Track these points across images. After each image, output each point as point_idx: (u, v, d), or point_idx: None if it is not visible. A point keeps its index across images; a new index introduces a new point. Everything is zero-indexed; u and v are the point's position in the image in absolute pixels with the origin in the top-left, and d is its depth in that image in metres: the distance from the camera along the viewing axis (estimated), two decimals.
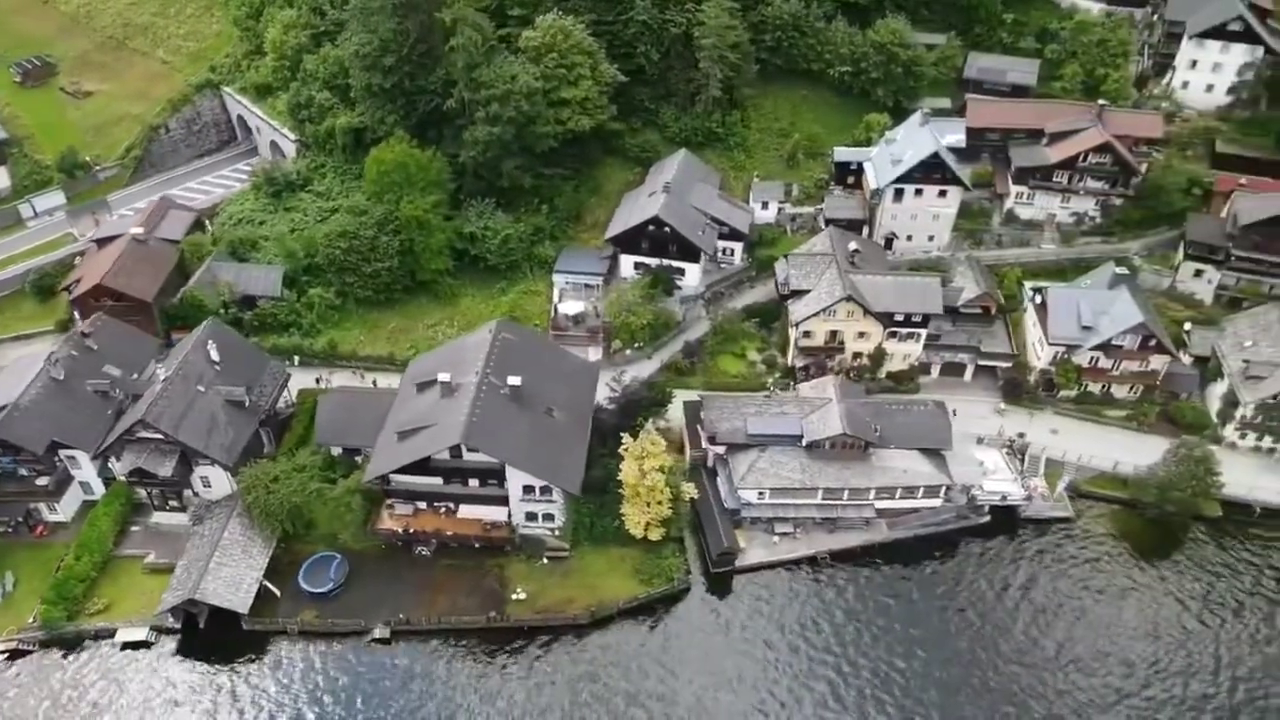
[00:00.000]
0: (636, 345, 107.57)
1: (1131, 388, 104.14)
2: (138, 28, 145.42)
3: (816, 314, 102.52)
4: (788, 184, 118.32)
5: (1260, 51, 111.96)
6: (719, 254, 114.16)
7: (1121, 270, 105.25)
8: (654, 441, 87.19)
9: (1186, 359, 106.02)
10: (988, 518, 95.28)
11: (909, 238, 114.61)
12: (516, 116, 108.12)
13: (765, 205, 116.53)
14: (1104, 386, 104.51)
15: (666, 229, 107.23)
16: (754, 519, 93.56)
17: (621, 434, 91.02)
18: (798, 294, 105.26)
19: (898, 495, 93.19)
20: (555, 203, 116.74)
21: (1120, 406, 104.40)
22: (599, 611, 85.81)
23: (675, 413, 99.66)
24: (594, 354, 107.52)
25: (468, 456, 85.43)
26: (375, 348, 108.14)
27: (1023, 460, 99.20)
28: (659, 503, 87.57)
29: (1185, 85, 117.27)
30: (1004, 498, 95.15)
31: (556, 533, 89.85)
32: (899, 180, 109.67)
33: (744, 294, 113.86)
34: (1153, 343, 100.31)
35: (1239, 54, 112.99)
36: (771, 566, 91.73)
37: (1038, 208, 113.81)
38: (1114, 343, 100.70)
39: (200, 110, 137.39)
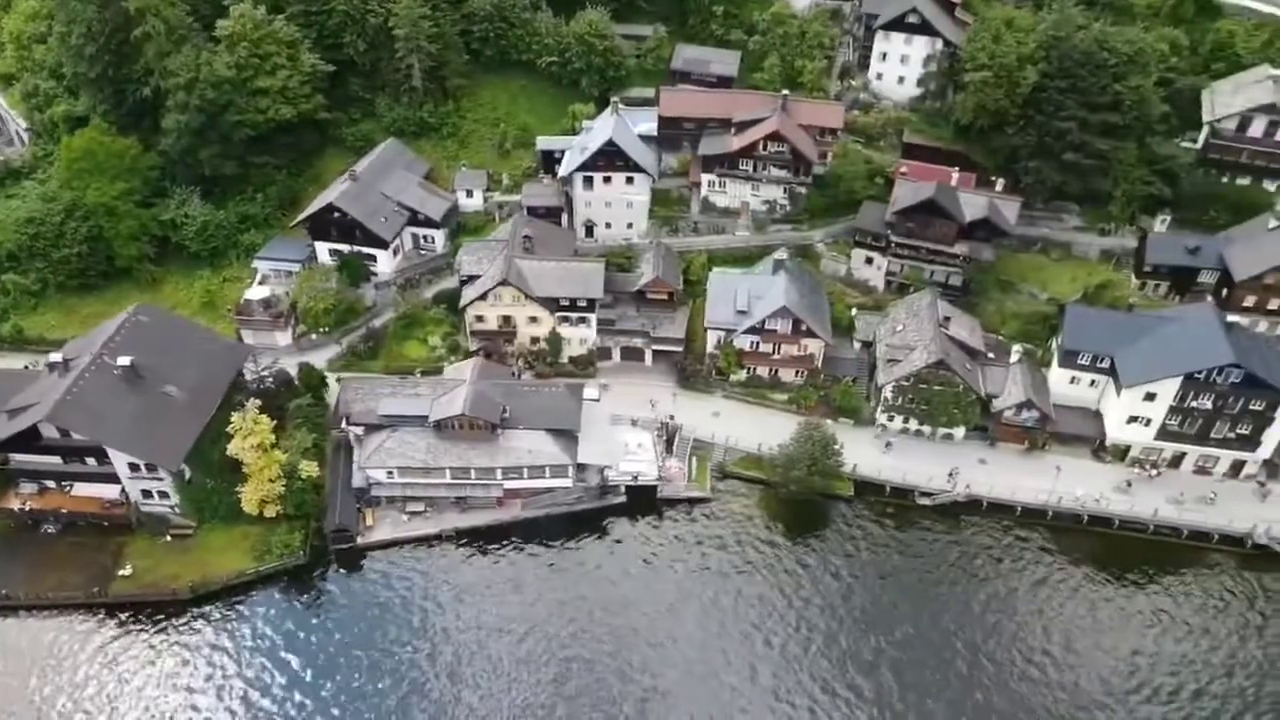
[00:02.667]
0: (322, 330, 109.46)
1: (797, 372, 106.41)
2: None
3: (479, 298, 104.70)
4: (491, 172, 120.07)
5: (939, 44, 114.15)
6: (420, 241, 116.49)
7: (781, 257, 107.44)
8: (256, 420, 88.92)
9: (857, 344, 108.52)
10: (624, 498, 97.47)
11: (608, 225, 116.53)
12: (204, 105, 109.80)
13: (470, 193, 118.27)
14: (772, 371, 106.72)
15: (346, 216, 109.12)
16: (389, 497, 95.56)
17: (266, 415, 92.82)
18: (473, 280, 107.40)
19: (526, 475, 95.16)
20: (268, 191, 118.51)
21: (787, 390, 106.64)
22: (200, 587, 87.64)
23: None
24: (282, 339, 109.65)
25: (76, 435, 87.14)
26: (68, 332, 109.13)
27: (671, 442, 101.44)
28: (271, 480, 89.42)
29: (880, 77, 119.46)
30: (636, 478, 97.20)
31: (177, 510, 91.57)
32: (582, 167, 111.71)
33: (443, 280, 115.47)
34: (803, 327, 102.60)
35: (921, 46, 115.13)
36: (400, 544, 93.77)
37: (731, 196, 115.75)
38: (766, 326, 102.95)
39: None
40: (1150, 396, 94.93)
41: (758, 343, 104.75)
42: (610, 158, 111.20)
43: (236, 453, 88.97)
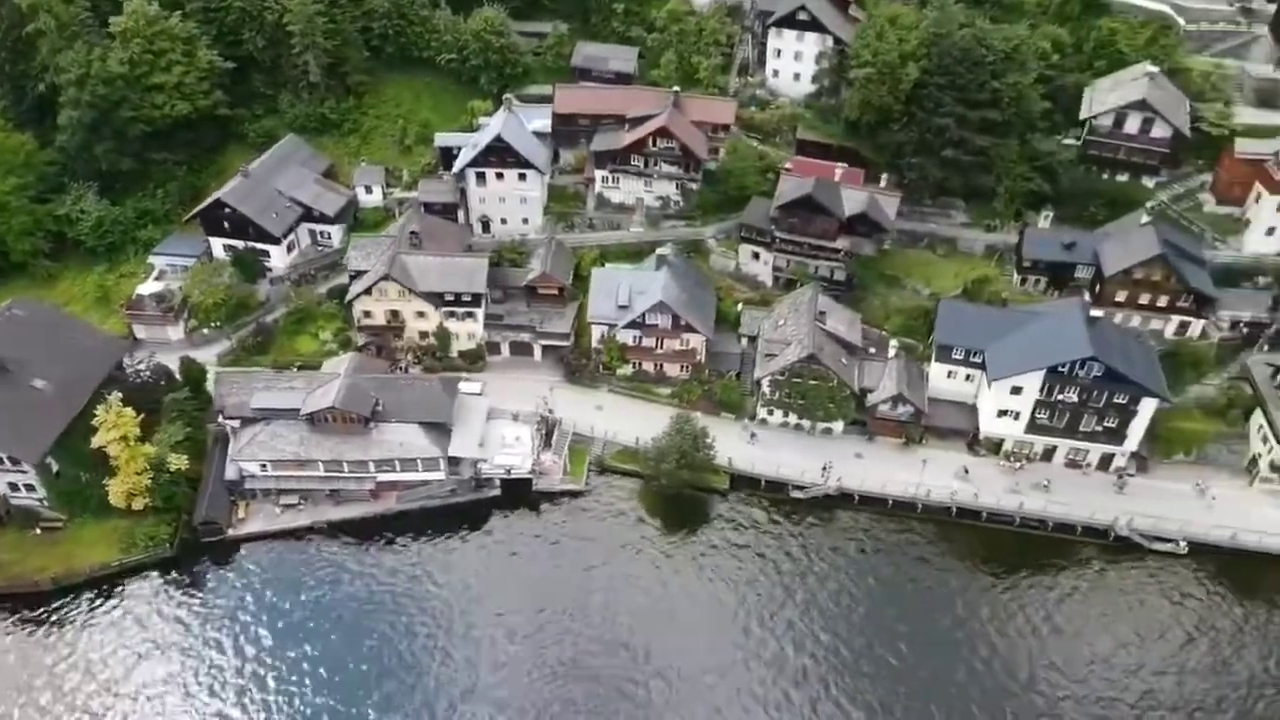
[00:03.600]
0: (214, 324, 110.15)
1: (682, 367, 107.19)
2: None
3: (364, 293, 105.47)
4: (392, 168, 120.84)
5: (830, 41, 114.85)
6: (318, 237, 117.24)
7: (664, 252, 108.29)
8: (119, 413, 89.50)
9: (744, 339, 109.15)
10: (499, 491, 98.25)
11: (503, 221, 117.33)
12: (96, 101, 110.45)
13: (369, 189, 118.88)
14: (657, 365, 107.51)
15: (235, 211, 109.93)
16: (263, 490, 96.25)
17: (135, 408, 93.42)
18: (360, 275, 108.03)
19: (398, 468, 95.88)
20: (168, 187, 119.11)
21: (671, 385, 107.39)
22: (63, 579, 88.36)
23: None
24: (174, 333, 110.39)
25: None
26: None
27: (550, 436, 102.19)
28: (138, 473, 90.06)
29: (776, 74, 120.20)
30: (509, 471, 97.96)
31: (45, 503, 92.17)
32: (473, 163, 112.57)
33: (339, 276, 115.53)
34: (683, 322, 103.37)
35: (812, 43, 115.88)
36: (273, 536, 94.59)
37: (625, 192, 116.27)
38: (647, 321, 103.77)
39: None
40: (1017, 390, 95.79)
41: (640, 337, 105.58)
42: (500, 154, 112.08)
43: (101, 445, 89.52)
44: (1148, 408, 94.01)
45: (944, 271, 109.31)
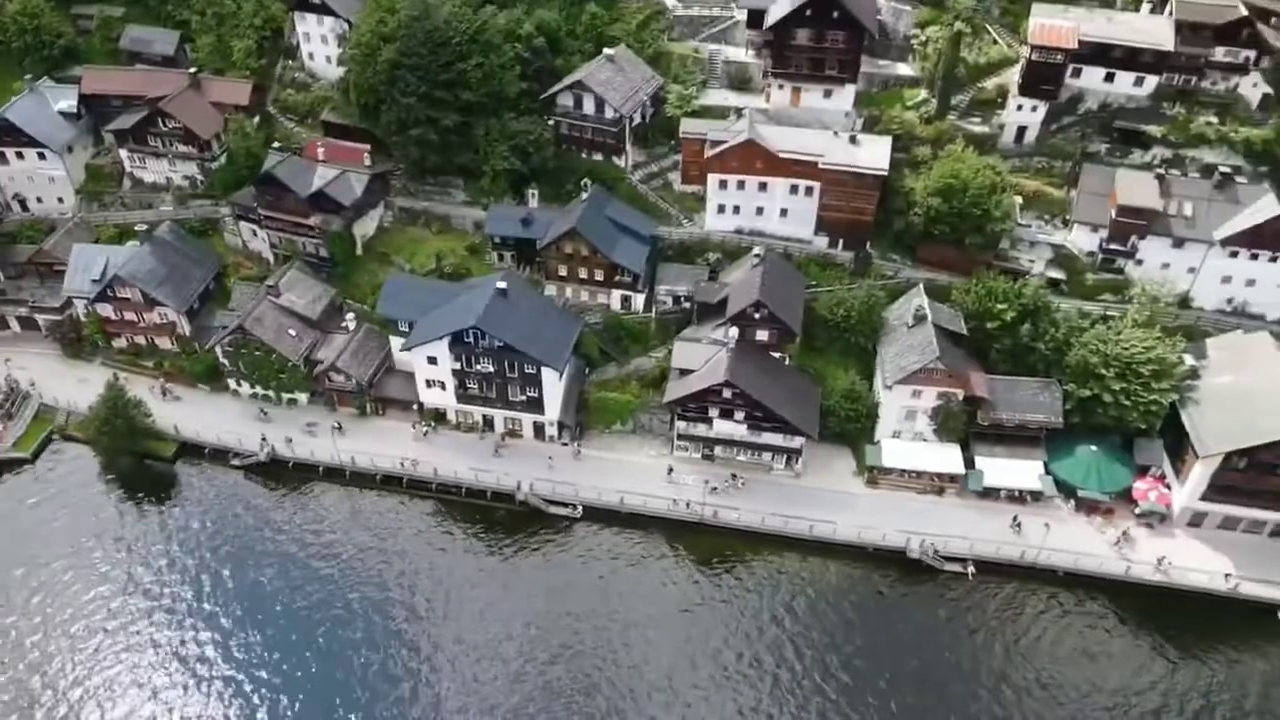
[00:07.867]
0: None
1: (172, 339, 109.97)
2: None
3: None
4: None
5: (346, 24, 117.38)
6: None
7: (141, 228, 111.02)
8: None
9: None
10: None
11: (39, 199, 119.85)
12: None
13: None
14: (148, 339, 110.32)
15: None
16: None
17: None
18: None
19: None
20: None
21: (163, 358, 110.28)
22: None
23: None
24: None
25: None
26: None
27: (13, 406, 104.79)
28: None
29: (312, 57, 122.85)
30: None
31: None
32: None
33: None
34: (151, 296, 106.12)
35: (330, 26, 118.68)
36: None
37: (154, 171, 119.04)
38: (118, 295, 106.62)
39: None
40: (433, 360, 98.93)
41: (120, 311, 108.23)
42: (13, 134, 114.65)
43: None
44: (549, 378, 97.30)
45: (431, 248, 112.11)
